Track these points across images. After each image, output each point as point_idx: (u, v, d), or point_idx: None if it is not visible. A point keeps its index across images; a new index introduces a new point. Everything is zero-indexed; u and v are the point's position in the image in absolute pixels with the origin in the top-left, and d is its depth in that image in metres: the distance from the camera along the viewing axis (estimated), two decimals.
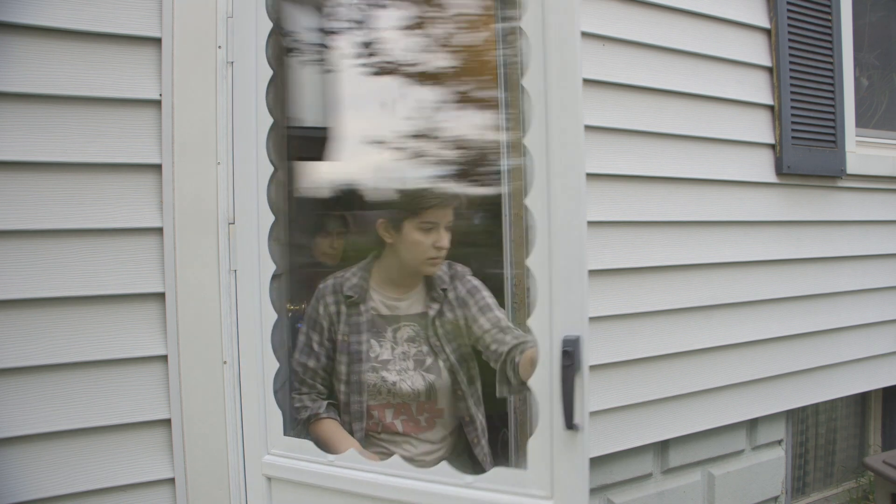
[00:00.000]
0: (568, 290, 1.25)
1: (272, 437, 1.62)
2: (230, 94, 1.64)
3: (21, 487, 1.46)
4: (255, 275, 1.62)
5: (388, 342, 1.81)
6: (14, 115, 1.46)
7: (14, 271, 1.47)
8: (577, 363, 1.23)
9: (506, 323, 1.77)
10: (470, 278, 1.82)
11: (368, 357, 1.78)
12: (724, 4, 2.54)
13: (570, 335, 1.24)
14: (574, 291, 1.25)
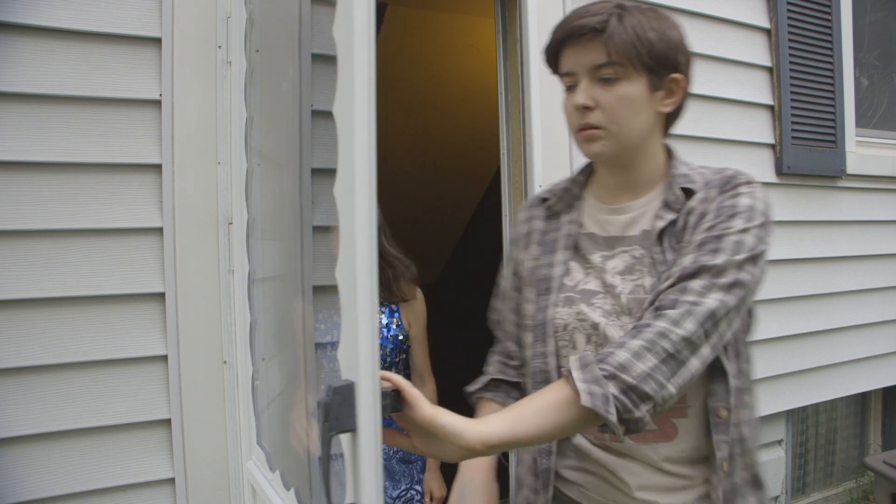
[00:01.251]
0: (347, 314, 0.88)
1: (252, 443, 1.60)
2: (230, 94, 1.64)
3: (21, 487, 1.46)
4: (241, 275, 1.62)
5: (594, 271, 1.12)
6: (14, 115, 1.46)
7: (14, 271, 1.47)
8: (338, 421, 0.84)
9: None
10: (743, 190, 1.02)
11: (562, 285, 1.13)
12: (724, 4, 2.54)
13: (339, 382, 0.86)
14: (349, 318, 0.86)
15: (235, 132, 1.63)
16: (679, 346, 0.89)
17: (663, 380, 0.88)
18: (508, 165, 1.97)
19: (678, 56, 1.05)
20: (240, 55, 1.61)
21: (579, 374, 0.88)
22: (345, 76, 0.88)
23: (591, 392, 0.86)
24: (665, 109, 1.07)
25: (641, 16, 1.04)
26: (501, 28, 1.98)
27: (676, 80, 1.06)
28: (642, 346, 0.89)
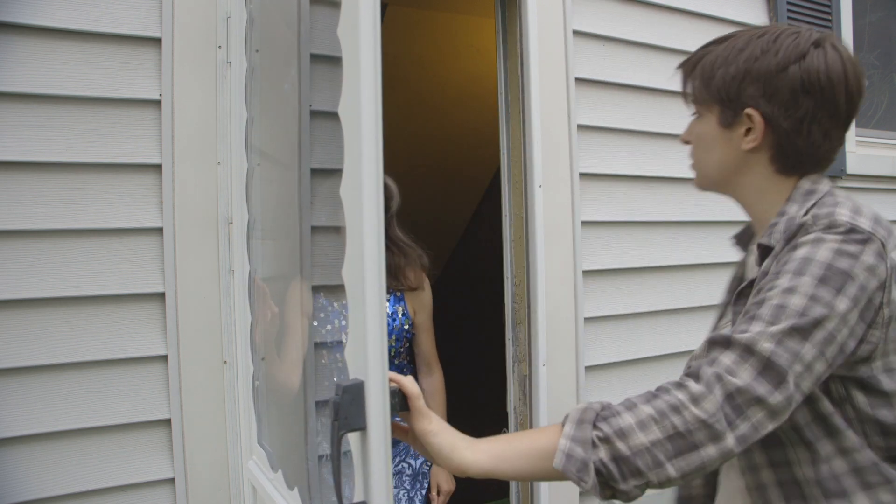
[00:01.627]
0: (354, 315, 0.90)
1: (252, 443, 1.60)
2: (230, 94, 1.64)
3: (21, 487, 1.46)
4: (241, 274, 1.62)
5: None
6: (14, 115, 1.46)
7: (14, 271, 1.47)
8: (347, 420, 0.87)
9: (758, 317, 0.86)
10: (806, 240, 0.87)
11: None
12: (724, 4, 2.54)
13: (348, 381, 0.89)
14: (357, 317, 0.88)
15: (236, 132, 1.63)
16: (692, 427, 0.77)
17: (663, 458, 0.78)
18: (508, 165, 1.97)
19: (747, 89, 0.94)
20: (240, 55, 1.61)
21: (570, 429, 0.82)
22: (351, 77, 0.89)
23: (570, 454, 0.80)
24: (748, 147, 0.96)
25: (729, 46, 0.97)
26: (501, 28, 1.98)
27: (750, 116, 0.95)
28: (651, 415, 0.79)
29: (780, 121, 0.93)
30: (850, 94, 0.93)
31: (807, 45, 0.93)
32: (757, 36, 0.96)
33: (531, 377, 1.88)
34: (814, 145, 0.94)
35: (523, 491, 1.90)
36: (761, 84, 0.93)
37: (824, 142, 0.95)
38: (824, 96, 0.92)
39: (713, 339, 0.84)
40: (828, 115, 0.93)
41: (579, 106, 2.18)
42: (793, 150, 0.95)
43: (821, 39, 0.94)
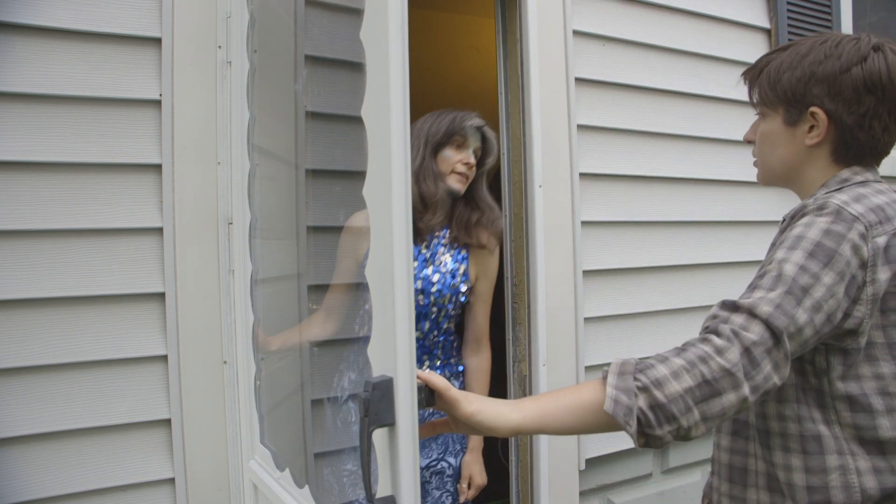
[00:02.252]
0: (382, 312, 0.92)
1: (255, 443, 1.61)
2: (230, 94, 1.64)
3: (21, 487, 1.46)
4: (243, 275, 1.62)
5: None
6: (14, 115, 1.46)
7: (14, 271, 1.47)
8: (377, 416, 0.89)
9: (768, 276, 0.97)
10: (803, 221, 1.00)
11: None
12: (725, 4, 2.54)
13: (376, 377, 0.91)
14: (386, 315, 0.90)
15: (236, 132, 1.63)
16: (717, 375, 0.86)
17: (692, 403, 0.86)
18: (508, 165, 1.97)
19: (813, 89, 1.04)
20: (241, 55, 1.61)
21: (613, 379, 0.90)
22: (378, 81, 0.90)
23: (617, 400, 0.87)
24: (811, 143, 1.07)
25: (792, 53, 1.08)
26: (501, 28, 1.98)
27: (814, 114, 1.05)
28: (682, 366, 0.87)
29: (843, 117, 1.04)
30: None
31: (867, 48, 1.03)
32: (819, 42, 1.06)
33: (531, 377, 1.88)
34: (874, 138, 1.05)
35: (523, 491, 1.90)
36: (826, 85, 1.04)
37: (884, 135, 1.05)
38: (885, 94, 1.02)
39: (723, 303, 0.95)
40: (887, 111, 1.03)
41: (579, 106, 2.18)
42: (854, 144, 1.06)
43: (880, 44, 1.04)
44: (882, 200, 1.01)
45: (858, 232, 0.95)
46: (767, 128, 1.14)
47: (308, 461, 1.82)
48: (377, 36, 0.91)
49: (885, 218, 0.99)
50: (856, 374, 0.99)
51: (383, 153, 0.90)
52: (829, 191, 1.05)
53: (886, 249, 0.96)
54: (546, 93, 1.98)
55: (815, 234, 0.95)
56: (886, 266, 0.96)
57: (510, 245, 1.98)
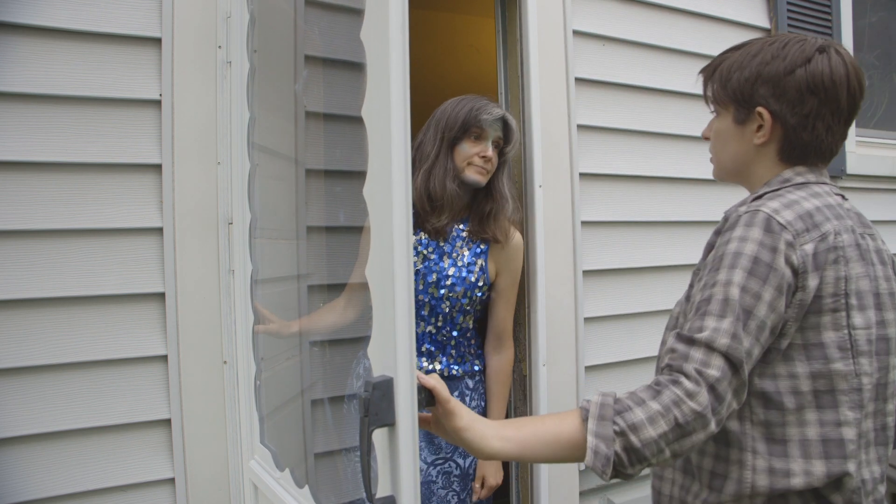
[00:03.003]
0: (382, 313, 0.92)
1: (255, 443, 1.62)
2: (230, 94, 1.64)
3: (21, 487, 1.46)
4: (243, 275, 1.62)
5: None
6: (14, 115, 1.46)
7: (14, 271, 1.47)
8: (378, 416, 0.89)
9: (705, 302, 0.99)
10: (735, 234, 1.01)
11: None
12: (724, 4, 2.54)
13: (376, 377, 0.92)
14: (386, 317, 0.91)
15: (237, 132, 1.63)
16: (689, 418, 0.90)
17: (664, 445, 0.90)
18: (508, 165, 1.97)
19: (759, 90, 1.08)
20: (241, 55, 1.61)
21: (593, 425, 0.92)
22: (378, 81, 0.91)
23: (597, 451, 0.91)
24: (758, 142, 1.10)
25: (745, 53, 1.12)
26: (501, 28, 1.98)
27: (760, 114, 1.08)
28: (658, 411, 0.90)
29: (787, 117, 1.06)
30: (851, 93, 1.06)
31: (812, 50, 1.06)
32: (769, 43, 1.09)
33: (531, 377, 1.88)
34: (818, 139, 1.07)
35: (523, 491, 1.90)
36: (771, 85, 1.06)
37: (827, 136, 1.07)
38: (828, 96, 1.04)
39: (679, 336, 0.97)
40: (830, 112, 1.05)
41: (579, 106, 2.18)
42: (799, 143, 1.08)
43: (825, 46, 1.06)
44: (813, 205, 1.03)
45: (786, 241, 0.97)
46: (720, 125, 1.18)
47: (308, 461, 1.82)
48: (378, 36, 0.91)
49: (812, 225, 1.00)
50: (772, 372, 1.01)
51: (383, 153, 0.90)
52: (769, 190, 1.08)
53: (815, 256, 0.99)
54: (546, 93, 1.98)
55: (750, 249, 0.98)
56: (815, 273, 0.99)
57: None
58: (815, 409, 1.01)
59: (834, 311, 1.01)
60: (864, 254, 1.05)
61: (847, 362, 1.01)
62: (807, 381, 1.01)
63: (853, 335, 1.02)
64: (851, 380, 1.01)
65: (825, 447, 1.01)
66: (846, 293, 1.01)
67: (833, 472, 1.00)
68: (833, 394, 1.01)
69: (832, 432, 1.01)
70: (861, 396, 1.02)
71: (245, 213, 1.62)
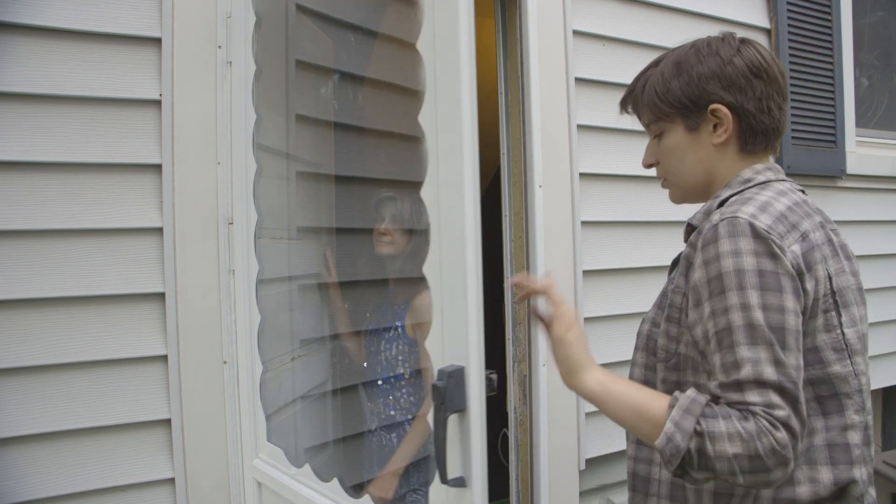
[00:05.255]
0: (452, 306, 1.00)
1: (260, 441, 1.62)
2: (230, 94, 1.64)
3: (21, 487, 1.46)
4: (246, 275, 1.63)
5: None
6: (14, 115, 1.46)
7: (14, 271, 1.47)
8: (452, 402, 0.97)
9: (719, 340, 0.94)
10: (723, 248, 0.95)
11: None
12: (724, 4, 2.54)
13: (448, 366, 0.98)
14: (458, 309, 0.98)
15: (240, 133, 1.63)
16: (768, 452, 0.84)
17: (738, 470, 0.85)
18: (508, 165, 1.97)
19: (706, 87, 1.05)
20: (245, 56, 1.61)
21: (677, 414, 0.90)
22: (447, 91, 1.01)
23: (671, 438, 0.88)
24: (719, 141, 1.07)
25: (666, 64, 1.09)
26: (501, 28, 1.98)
27: (715, 111, 1.05)
28: (739, 433, 0.85)
29: (744, 104, 1.04)
30: (781, 73, 1.07)
31: (736, 42, 1.07)
32: (688, 48, 1.09)
33: (531, 377, 1.88)
34: (775, 119, 1.06)
35: (523, 491, 1.90)
36: (717, 79, 1.04)
37: (780, 115, 1.07)
38: (769, 76, 1.05)
39: (723, 385, 0.90)
40: (776, 91, 1.06)
41: (579, 106, 2.18)
42: (760, 129, 1.06)
43: (742, 38, 1.08)
44: (785, 205, 0.99)
45: (777, 246, 0.92)
46: (670, 142, 1.12)
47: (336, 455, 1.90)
48: (445, 45, 1.01)
49: (790, 226, 0.97)
50: None
51: (454, 157, 0.99)
52: (732, 193, 1.04)
53: (804, 257, 0.95)
54: (546, 93, 1.98)
55: (750, 263, 0.91)
56: (810, 275, 0.95)
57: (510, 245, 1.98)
58: (820, 417, 0.97)
59: (825, 311, 0.97)
60: (836, 249, 1.03)
61: (844, 363, 0.97)
62: (807, 388, 0.96)
63: (845, 334, 0.98)
64: (852, 381, 0.98)
65: (831, 452, 0.97)
66: (832, 291, 0.98)
67: (840, 478, 0.96)
68: (838, 398, 0.97)
69: (838, 437, 0.97)
70: (863, 398, 0.99)
71: (249, 214, 1.62)
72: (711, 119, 1.06)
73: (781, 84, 1.06)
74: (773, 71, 1.05)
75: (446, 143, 1.02)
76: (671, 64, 1.08)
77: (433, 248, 1.04)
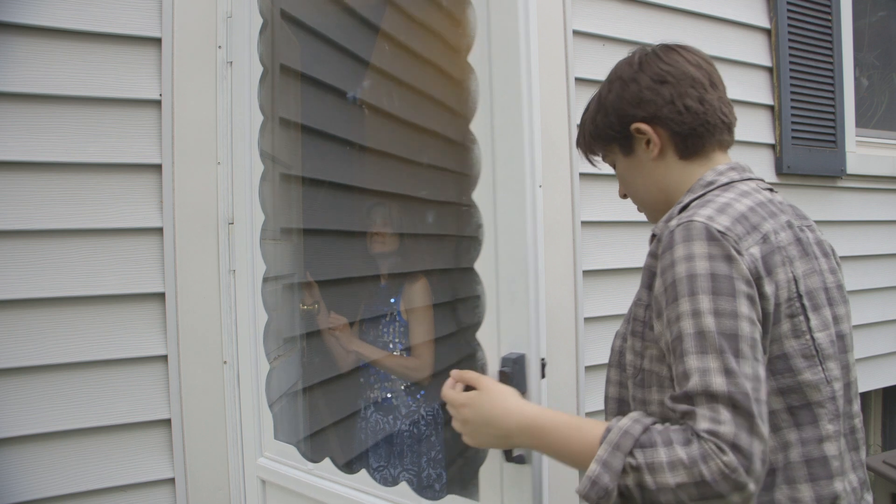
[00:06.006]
0: (512, 299, 1.10)
1: (265, 439, 1.62)
2: (230, 94, 1.64)
3: (21, 487, 1.46)
4: (250, 274, 1.63)
5: None
6: (14, 115, 1.46)
7: (14, 271, 1.47)
8: (517, 386, 1.06)
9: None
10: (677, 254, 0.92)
11: None
12: (724, 4, 2.54)
13: (511, 353, 1.08)
14: (518, 301, 1.08)
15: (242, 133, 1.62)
16: (717, 478, 0.77)
17: (686, 499, 0.78)
18: None
19: (621, 112, 1.09)
20: (250, 57, 1.60)
21: (604, 453, 0.84)
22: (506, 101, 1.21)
23: (596, 481, 0.84)
24: (654, 155, 1.08)
25: (591, 103, 1.17)
26: None
27: (637, 129, 1.08)
28: (681, 460, 0.78)
29: (658, 113, 1.05)
30: (697, 65, 1.06)
31: (636, 57, 1.10)
32: (606, 82, 1.14)
33: None
34: (698, 113, 1.04)
35: None
36: (627, 101, 1.08)
37: (704, 106, 1.04)
38: (674, 76, 1.05)
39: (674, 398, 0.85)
40: (689, 85, 1.04)
41: (579, 106, 2.18)
42: (686, 130, 1.05)
43: (643, 48, 1.11)
44: (746, 206, 0.96)
45: (734, 248, 0.89)
46: (620, 170, 1.16)
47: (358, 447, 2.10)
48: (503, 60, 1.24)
49: (750, 227, 0.93)
50: None
51: (513, 162, 1.20)
52: (693, 197, 1.01)
53: (764, 260, 0.91)
54: (546, 93, 1.98)
55: (702, 267, 0.87)
56: (769, 278, 0.91)
57: None
58: (794, 429, 0.93)
59: (791, 316, 0.93)
60: (806, 248, 0.98)
61: (815, 371, 0.93)
62: (777, 399, 0.92)
63: (815, 339, 0.93)
64: (824, 389, 0.93)
65: (809, 468, 0.92)
66: (798, 295, 0.94)
67: (822, 495, 0.91)
68: (810, 408, 0.93)
69: (815, 450, 0.92)
70: (836, 405, 0.95)
71: (254, 214, 1.61)
72: (640, 138, 1.08)
73: (696, 75, 1.04)
74: (679, 70, 1.04)
75: (504, 149, 1.19)
76: (594, 101, 1.15)
77: (487, 246, 1.15)
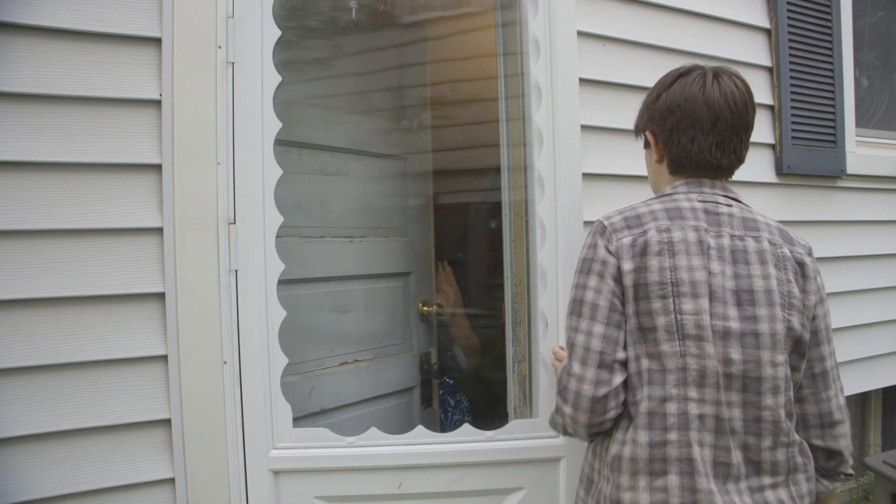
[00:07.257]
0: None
1: (280, 431, 1.65)
2: (230, 94, 1.64)
3: (21, 487, 1.46)
4: (261, 274, 1.63)
5: None
6: (14, 115, 1.46)
7: (14, 271, 1.47)
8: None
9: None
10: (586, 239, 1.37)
11: None
12: (724, 4, 2.53)
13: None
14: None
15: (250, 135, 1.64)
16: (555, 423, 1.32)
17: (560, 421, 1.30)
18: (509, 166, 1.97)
19: (644, 115, 1.35)
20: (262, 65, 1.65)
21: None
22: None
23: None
24: (656, 159, 1.35)
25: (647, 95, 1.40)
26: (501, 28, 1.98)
27: (646, 134, 1.35)
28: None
29: (658, 134, 1.30)
30: (710, 106, 1.23)
31: (673, 77, 1.29)
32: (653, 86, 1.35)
33: (531, 377, 1.88)
34: (685, 149, 1.27)
35: None
36: (648, 112, 1.33)
37: (693, 146, 1.25)
38: (683, 112, 1.24)
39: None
40: (690, 124, 1.24)
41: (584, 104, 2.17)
42: (671, 155, 1.30)
43: (687, 70, 1.30)
44: (649, 210, 1.24)
45: (606, 238, 1.23)
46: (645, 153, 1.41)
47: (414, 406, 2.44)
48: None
49: (636, 224, 1.22)
50: (631, 355, 1.21)
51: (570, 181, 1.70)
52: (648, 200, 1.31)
53: (631, 246, 1.20)
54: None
55: (582, 253, 1.26)
56: (630, 259, 1.19)
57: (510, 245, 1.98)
58: (646, 386, 1.18)
59: (662, 297, 1.17)
60: (704, 249, 1.18)
61: (672, 344, 1.16)
62: (645, 360, 1.18)
63: (680, 319, 1.16)
64: (676, 360, 1.15)
65: (650, 419, 1.16)
66: (673, 282, 1.16)
67: (654, 441, 1.15)
68: (663, 373, 1.17)
69: (657, 407, 1.16)
70: (685, 375, 1.15)
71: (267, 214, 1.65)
72: (650, 140, 1.34)
73: (701, 116, 1.23)
74: (688, 107, 1.23)
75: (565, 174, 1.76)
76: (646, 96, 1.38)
77: (548, 246, 1.67)
